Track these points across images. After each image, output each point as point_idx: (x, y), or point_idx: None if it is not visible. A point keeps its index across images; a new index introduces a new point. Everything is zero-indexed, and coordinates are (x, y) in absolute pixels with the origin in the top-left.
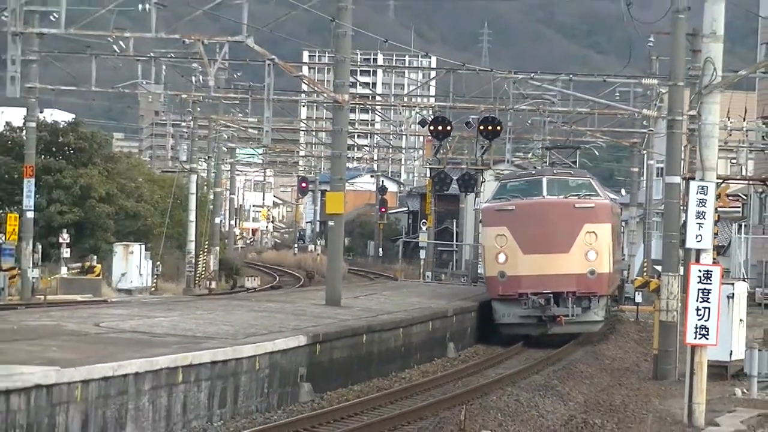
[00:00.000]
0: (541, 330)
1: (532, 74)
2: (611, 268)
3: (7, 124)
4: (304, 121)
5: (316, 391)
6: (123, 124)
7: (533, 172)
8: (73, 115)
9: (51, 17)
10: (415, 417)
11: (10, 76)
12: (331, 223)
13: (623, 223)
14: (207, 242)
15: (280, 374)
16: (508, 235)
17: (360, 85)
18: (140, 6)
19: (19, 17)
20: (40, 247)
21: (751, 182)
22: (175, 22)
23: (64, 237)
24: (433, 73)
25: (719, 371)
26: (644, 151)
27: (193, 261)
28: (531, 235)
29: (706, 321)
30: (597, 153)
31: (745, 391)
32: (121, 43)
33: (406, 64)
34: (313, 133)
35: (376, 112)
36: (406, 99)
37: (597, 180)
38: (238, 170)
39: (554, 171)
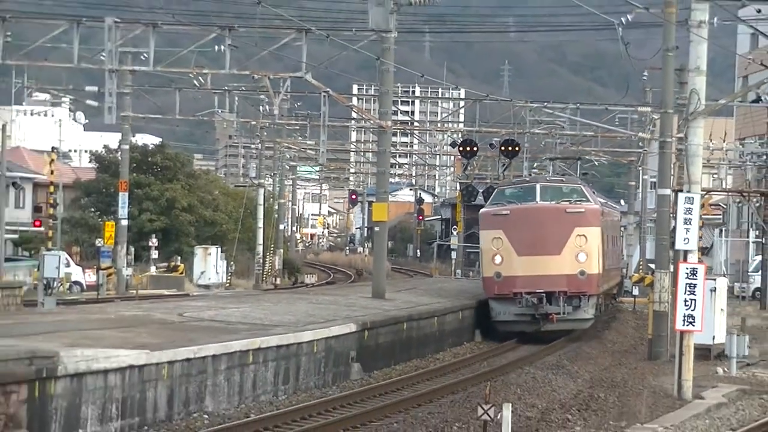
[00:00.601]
0: (534, 327)
1: (545, 104)
2: (601, 268)
3: (105, 146)
4: (354, 143)
5: (364, 370)
6: (202, 146)
7: (527, 179)
8: (160, 139)
9: (141, 57)
10: (448, 391)
11: (108, 106)
12: (376, 228)
13: (623, 228)
14: (273, 245)
15: (334, 356)
16: (503, 237)
17: (400, 113)
18: (216, 47)
19: (114, 57)
20: (132, 249)
21: (729, 194)
22: (245, 61)
23: (153, 241)
24: (462, 103)
25: (704, 353)
26: (640, 168)
27: (261, 261)
28: (525, 238)
29: (692, 310)
30: (600, 169)
31: (725, 369)
32: (200, 78)
33: (439, 95)
34: (361, 153)
35: (414, 135)
36: (439, 124)
37: (589, 187)
38: (298, 184)
39: (547, 178)
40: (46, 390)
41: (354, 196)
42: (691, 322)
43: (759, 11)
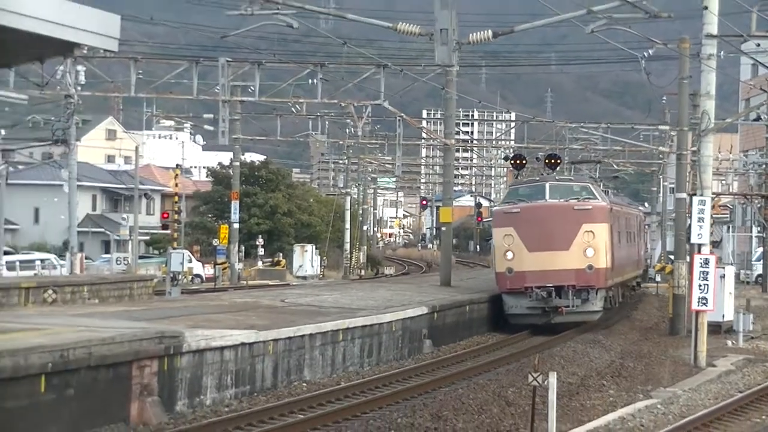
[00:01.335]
0: (545, 319)
1: (581, 124)
2: (609, 263)
3: (219, 163)
4: (424, 158)
5: (434, 345)
6: (299, 162)
7: (538, 178)
8: (265, 157)
9: (249, 89)
10: (504, 362)
11: (221, 130)
12: (443, 228)
13: (647, 226)
14: (358, 243)
15: (409, 334)
16: (514, 234)
17: (462, 133)
18: (310, 80)
19: (227, 90)
20: (243, 247)
21: (735, 196)
22: (334, 91)
23: (260, 241)
24: (512, 124)
25: (715, 329)
26: (660, 176)
27: (348, 256)
28: (535, 235)
29: (705, 294)
30: (627, 177)
31: (733, 342)
32: (297, 106)
33: (494, 118)
34: (430, 166)
35: (474, 151)
36: (494, 142)
37: (597, 185)
38: (378, 192)
39: (556, 177)
40: (173, 364)
41: (424, 202)
42: (704, 303)
43: (758, 45)
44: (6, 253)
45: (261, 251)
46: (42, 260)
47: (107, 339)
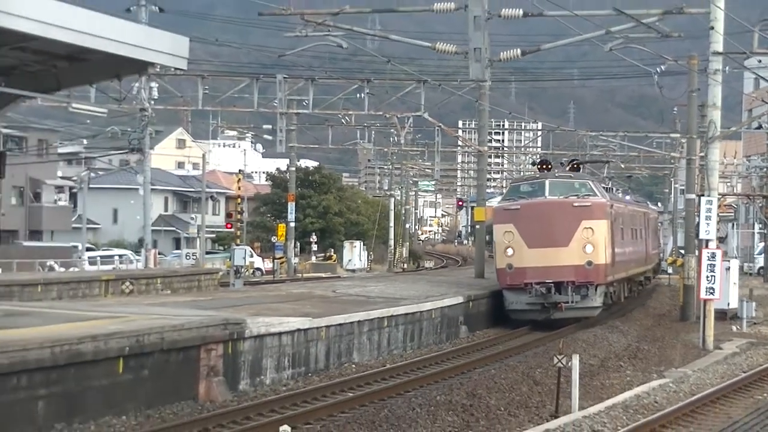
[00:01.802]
0: (544, 315)
1: (601, 132)
2: (609, 259)
3: (277, 169)
4: (459, 164)
5: (469, 330)
6: (348, 167)
7: (538, 175)
8: (318, 163)
9: (303, 103)
10: (532, 346)
11: (279, 139)
12: (477, 226)
13: (660, 224)
14: (401, 239)
15: (447, 320)
16: (514, 231)
17: (494, 141)
18: (358, 95)
19: (283, 103)
20: (298, 244)
21: (739, 197)
22: (379, 104)
23: (313, 238)
24: (539, 133)
25: (721, 315)
26: (672, 179)
27: (392, 251)
28: (534, 231)
29: (712, 284)
30: (642, 180)
31: (738, 327)
32: (346, 117)
33: (522, 128)
34: (465, 171)
35: (504, 157)
36: (522, 149)
37: (597, 182)
38: (419, 194)
39: (556, 174)
40: (236, 348)
41: (460, 202)
42: (711, 293)
43: (759, 61)
44: (88, 249)
45: (314, 247)
46: (120, 256)
47: (178, 326)
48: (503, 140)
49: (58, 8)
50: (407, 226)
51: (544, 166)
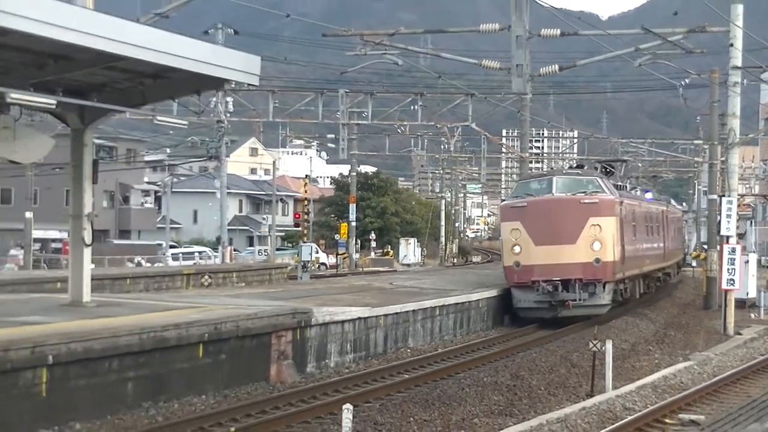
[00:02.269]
0: (552, 313)
1: (631, 139)
2: (617, 256)
3: (340, 173)
4: (503, 168)
5: (512, 319)
6: (403, 172)
7: (545, 172)
8: (376, 168)
9: (363, 114)
10: (570, 332)
11: (341, 147)
12: None
13: (685, 222)
14: (451, 236)
15: (493, 309)
16: (521, 229)
17: (534, 147)
18: (412, 107)
19: (345, 115)
20: (359, 241)
21: (756, 197)
22: (431, 115)
23: (372, 236)
24: (575, 140)
25: (740, 304)
26: (696, 181)
27: (443, 247)
28: (541, 229)
29: (733, 276)
30: (668, 182)
31: (756, 315)
32: (401, 127)
33: (560, 135)
34: (509, 174)
35: (544, 162)
36: (560, 155)
37: (606, 180)
38: (467, 196)
39: (563, 171)
40: (304, 334)
41: None
42: (732, 284)
43: None
44: (171, 247)
45: (373, 244)
46: (200, 252)
47: (251, 315)
48: (543, 147)
49: (145, 32)
50: (456, 224)
51: (580, 170)
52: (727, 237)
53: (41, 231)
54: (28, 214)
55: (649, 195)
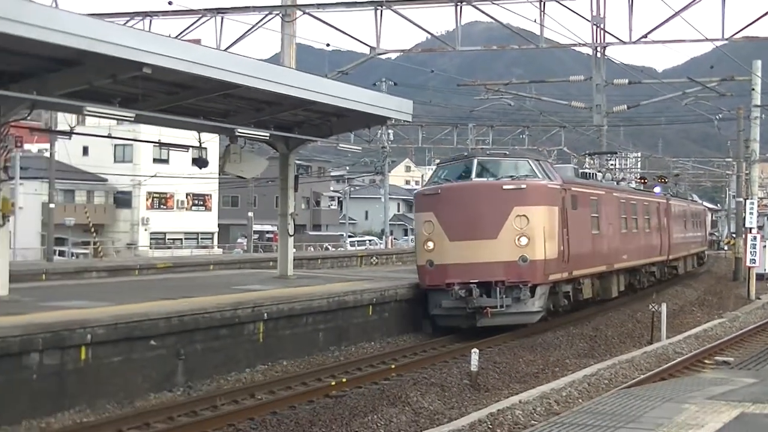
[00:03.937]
0: (469, 322)
1: (679, 159)
2: (553, 253)
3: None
4: None
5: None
6: None
7: (466, 153)
8: None
9: (485, 141)
10: (634, 298)
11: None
12: None
13: (719, 217)
14: None
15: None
16: (434, 221)
17: (608, 165)
18: (521, 136)
19: (473, 142)
20: None
21: None
22: (534, 142)
23: None
24: (639, 159)
25: (760, 277)
26: (727, 188)
27: None
28: (457, 221)
29: (754, 256)
30: (706, 188)
31: None
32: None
33: (627, 156)
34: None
35: (615, 175)
36: (628, 170)
37: (545, 161)
38: None
39: (487, 152)
40: None
41: None
42: (753, 262)
43: None
44: (350, 236)
45: None
46: (369, 240)
47: (406, 284)
48: (615, 164)
49: (332, 84)
50: None
51: (642, 180)
52: (750, 228)
53: (259, 225)
54: (250, 214)
55: (657, 189)
